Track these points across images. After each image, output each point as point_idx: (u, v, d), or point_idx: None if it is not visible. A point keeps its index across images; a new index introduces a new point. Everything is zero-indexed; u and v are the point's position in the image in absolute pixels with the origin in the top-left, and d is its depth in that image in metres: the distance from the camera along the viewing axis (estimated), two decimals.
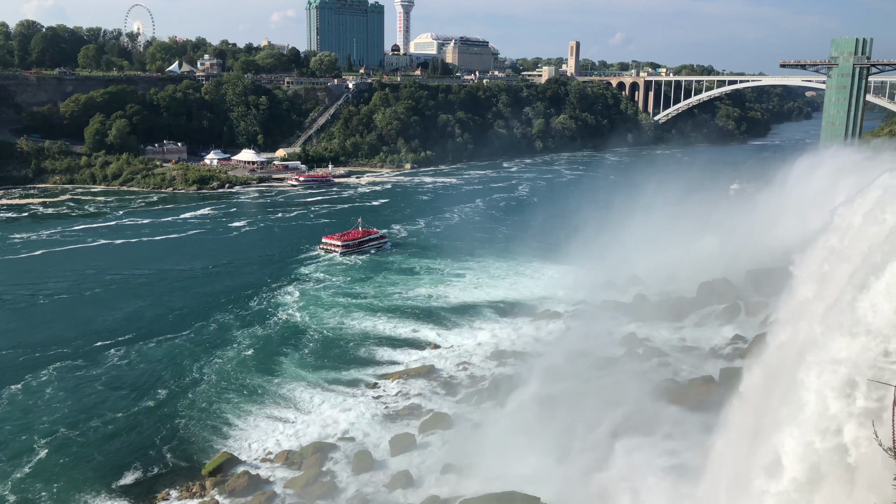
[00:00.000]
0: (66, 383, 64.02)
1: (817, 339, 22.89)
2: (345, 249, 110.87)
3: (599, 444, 44.79)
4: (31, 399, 61.03)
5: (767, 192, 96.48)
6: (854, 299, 21.05)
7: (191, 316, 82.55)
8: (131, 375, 66.35)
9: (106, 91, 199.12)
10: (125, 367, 68.07)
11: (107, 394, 62.37)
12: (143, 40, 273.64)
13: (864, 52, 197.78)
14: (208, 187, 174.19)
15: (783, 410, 23.79)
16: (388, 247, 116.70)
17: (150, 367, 68.05)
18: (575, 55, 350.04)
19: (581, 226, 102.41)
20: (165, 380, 65.23)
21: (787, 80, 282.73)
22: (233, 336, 76.35)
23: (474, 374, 65.67)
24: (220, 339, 75.29)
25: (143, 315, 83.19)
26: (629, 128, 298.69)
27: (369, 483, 48.70)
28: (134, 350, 72.00)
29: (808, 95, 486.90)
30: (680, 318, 74.41)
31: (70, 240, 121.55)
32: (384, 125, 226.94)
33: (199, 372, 67.01)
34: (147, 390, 63.13)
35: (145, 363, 69.12)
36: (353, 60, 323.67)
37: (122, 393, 62.63)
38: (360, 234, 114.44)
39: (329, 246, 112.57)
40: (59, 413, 58.60)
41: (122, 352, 71.51)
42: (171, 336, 75.86)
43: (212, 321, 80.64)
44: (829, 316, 22.52)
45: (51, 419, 57.55)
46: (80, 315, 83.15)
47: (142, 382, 64.80)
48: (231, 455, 52.02)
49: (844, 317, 21.05)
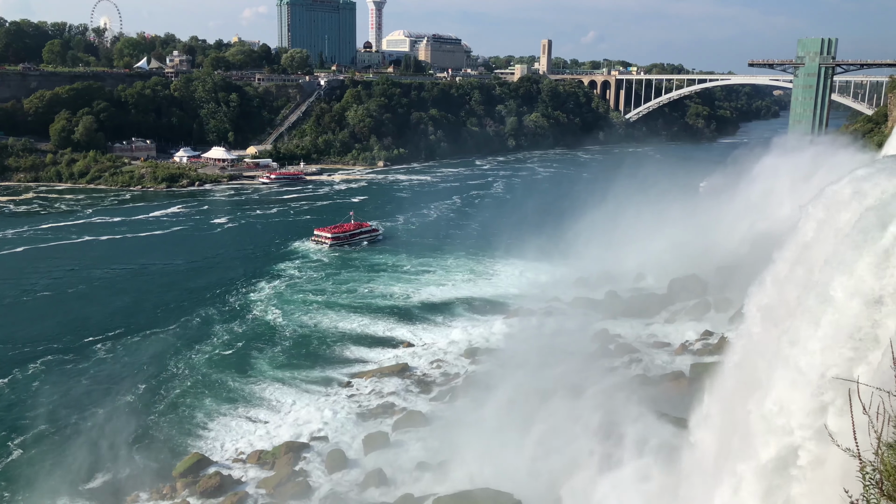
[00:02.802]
0: (43, 382, 62.90)
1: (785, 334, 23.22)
2: (334, 241, 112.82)
3: (572, 440, 45.07)
4: (9, 397, 59.99)
5: (736, 190, 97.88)
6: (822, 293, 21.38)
7: (165, 314, 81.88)
8: (110, 373, 65.62)
9: (72, 87, 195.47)
10: (105, 366, 67.33)
11: (80, 393, 61.45)
12: (110, 36, 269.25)
13: (830, 52, 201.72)
14: (178, 185, 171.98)
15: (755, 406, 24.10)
16: (381, 239, 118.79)
17: (129, 366, 67.29)
18: (547, 53, 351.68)
19: (554, 223, 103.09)
20: (141, 379, 64.41)
21: (755, 79, 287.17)
22: (207, 335, 75.58)
23: (448, 372, 65.73)
24: (194, 338, 74.50)
25: (124, 312, 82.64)
26: (601, 126, 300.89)
27: (343, 482, 48.49)
28: (114, 347, 71.58)
29: (775, 94, 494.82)
30: (651, 315, 75.32)
31: (49, 237, 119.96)
32: (356, 123, 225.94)
33: (172, 371, 66.27)
34: (121, 389, 62.20)
35: (124, 361, 68.39)
36: (325, 57, 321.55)
37: (96, 392, 61.68)
38: (351, 226, 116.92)
39: (320, 238, 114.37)
40: (34, 413, 57.53)
41: (102, 349, 71.02)
42: (145, 334, 75.16)
43: (186, 319, 79.93)
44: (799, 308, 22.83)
45: (22, 419, 56.46)
46: (64, 312, 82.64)
47: (120, 380, 64.02)
48: (202, 456, 51.41)
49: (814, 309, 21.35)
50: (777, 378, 22.62)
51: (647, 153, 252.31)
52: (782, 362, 22.46)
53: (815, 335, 20.79)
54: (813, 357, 20.64)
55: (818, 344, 20.56)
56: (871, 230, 20.25)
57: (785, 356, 22.39)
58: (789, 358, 21.99)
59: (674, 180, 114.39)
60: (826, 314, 20.55)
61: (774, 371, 22.99)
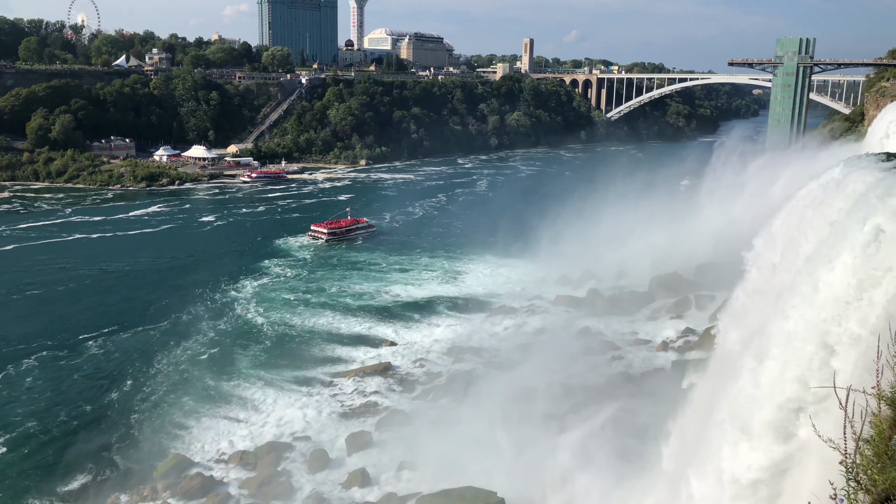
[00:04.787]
0: (25, 381, 62.09)
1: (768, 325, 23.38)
2: (331, 236, 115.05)
3: (554, 437, 45.24)
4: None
5: (716, 188, 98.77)
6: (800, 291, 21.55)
7: (152, 312, 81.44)
8: (93, 373, 65.14)
9: (49, 85, 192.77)
10: (88, 365, 66.83)
11: (61, 393, 60.82)
12: (87, 33, 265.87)
13: (808, 52, 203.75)
14: (158, 184, 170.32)
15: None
16: (376, 234, 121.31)
17: (112, 365, 66.82)
18: (529, 52, 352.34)
19: (536, 222, 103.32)
20: (122, 379, 63.85)
21: (735, 78, 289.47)
22: (192, 333, 75.02)
23: (431, 371, 65.65)
24: (179, 337, 73.91)
25: (113, 310, 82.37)
26: (582, 125, 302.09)
27: (325, 482, 48.31)
28: (104, 344, 71.45)
29: (755, 93, 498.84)
30: (632, 313, 75.76)
31: (33, 236, 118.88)
32: (338, 121, 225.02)
33: (154, 370, 65.76)
34: (103, 390, 61.72)
35: (107, 361, 67.95)
36: (307, 55, 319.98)
37: (76, 392, 61.14)
38: (348, 222, 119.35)
39: (317, 233, 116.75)
40: (10, 413, 56.75)
41: (93, 345, 71.02)
42: (131, 332, 74.89)
43: (174, 317, 79.58)
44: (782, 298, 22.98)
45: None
46: (50, 310, 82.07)
47: (102, 380, 63.52)
48: (183, 457, 50.99)
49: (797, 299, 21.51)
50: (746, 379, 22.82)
51: (628, 151, 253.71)
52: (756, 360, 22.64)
53: (793, 329, 20.95)
54: (787, 356, 20.82)
55: (793, 342, 20.73)
56: (850, 225, 20.46)
57: (758, 358, 22.58)
58: (763, 357, 22.17)
59: (655, 179, 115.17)
60: (804, 309, 20.72)
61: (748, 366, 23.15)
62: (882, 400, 9.19)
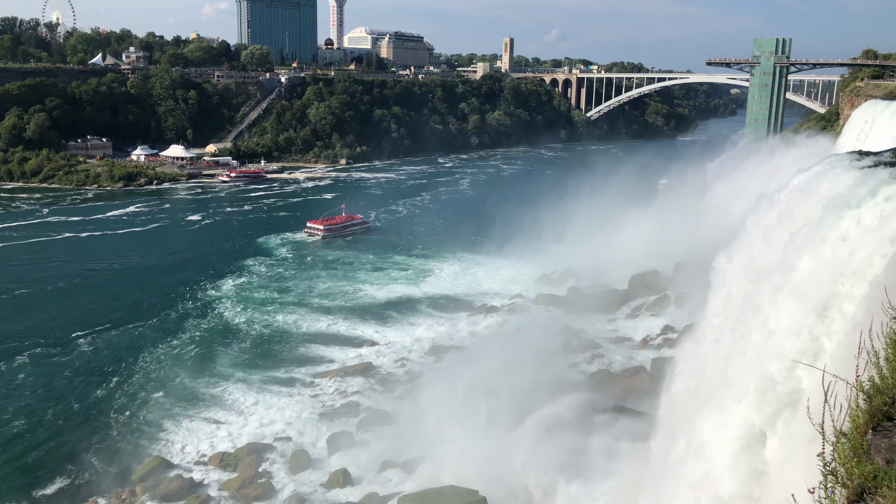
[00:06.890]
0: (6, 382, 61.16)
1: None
2: (327, 233, 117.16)
3: (536, 435, 45.34)
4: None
5: (694, 187, 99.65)
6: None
7: (136, 312, 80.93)
8: (72, 374, 64.39)
9: (23, 84, 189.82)
10: (69, 365, 66.14)
11: (40, 394, 60.05)
12: (63, 31, 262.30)
13: (784, 52, 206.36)
14: (136, 184, 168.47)
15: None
16: (369, 230, 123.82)
17: (91, 366, 66.16)
18: (509, 51, 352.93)
19: (516, 220, 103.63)
20: (101, 379, 63.13)
21: (713, 77, 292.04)
22: (173, 333, 74.39)
23: (412, 370, 65.58)
24: (160, 337, 73.25)
25: (94, 309, 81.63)
26: (562, 124, 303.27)
27: (307, 482, 48.09)
28: (94, 342, 71.17)
29: (732, 93, 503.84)
30: (612, 310, 76.23)
31: (14, 236, 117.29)
32: (318, 120, 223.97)
33: (134, 371, 65.04)
34: (81, 391, 60.98)
35: (91, 361, 67.37)
36: (286, 54, 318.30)
37: (54, 393, 60.34)
38: (343, 218, 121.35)
39: (313, 230, 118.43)
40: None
41: (75, 347, 70.03)
42: (113, 333, 74.31)
43: (159, 317, 79.21)
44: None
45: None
46: (35, 311, 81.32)
47: (80, 381, 62.86)
48: (163, 459, 50.48)
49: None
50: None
51: (608, 150, 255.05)
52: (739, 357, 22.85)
53: (771, 327, 21.16)
54: (766, 352, 21.02)
55: (772, 338, 20.93)
56: (826, 222, 20.71)
57: (741, 350, 22.79)
58: (746, 351, 22.38)
59: (634, 177, 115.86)
60: (784, 303, 20.93)
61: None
62: (861, 392, 9.31)
